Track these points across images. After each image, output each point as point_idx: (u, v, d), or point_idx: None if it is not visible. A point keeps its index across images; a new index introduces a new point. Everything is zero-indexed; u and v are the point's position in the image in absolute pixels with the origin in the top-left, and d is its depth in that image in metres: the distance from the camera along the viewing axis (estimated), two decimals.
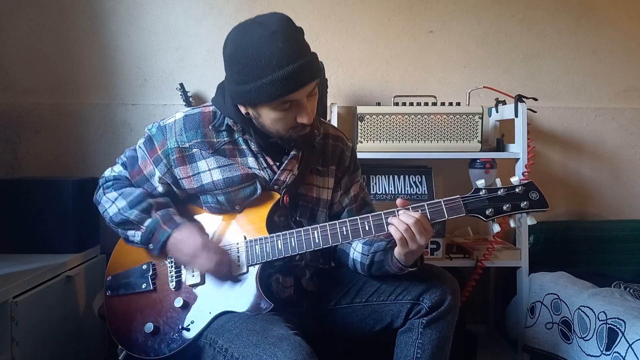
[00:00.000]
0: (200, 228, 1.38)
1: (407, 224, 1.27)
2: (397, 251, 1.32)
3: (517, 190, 1.31)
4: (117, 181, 1.46)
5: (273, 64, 1.20)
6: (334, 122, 2.15)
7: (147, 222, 1.36)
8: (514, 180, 1.32)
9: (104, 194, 1.45)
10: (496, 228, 1.34)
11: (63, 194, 1.96)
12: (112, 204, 1.42)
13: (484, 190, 1.32)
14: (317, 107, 1.38)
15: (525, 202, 1.30)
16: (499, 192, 1.31)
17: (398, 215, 1.30)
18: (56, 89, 2.36)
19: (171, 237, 1.34)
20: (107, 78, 2.37)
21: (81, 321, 1.94)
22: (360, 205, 1.55)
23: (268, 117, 1.30)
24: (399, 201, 1.33)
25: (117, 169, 1.48)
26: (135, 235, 1.38)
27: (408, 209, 1.31)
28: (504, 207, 1.31)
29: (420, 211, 1.30)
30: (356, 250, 1.47)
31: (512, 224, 1.36)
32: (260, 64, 1.21)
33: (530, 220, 1.33)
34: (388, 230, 1.32)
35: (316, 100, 1.35)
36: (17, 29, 2.33)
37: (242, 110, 1.34)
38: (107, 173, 1.49)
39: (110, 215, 1.42)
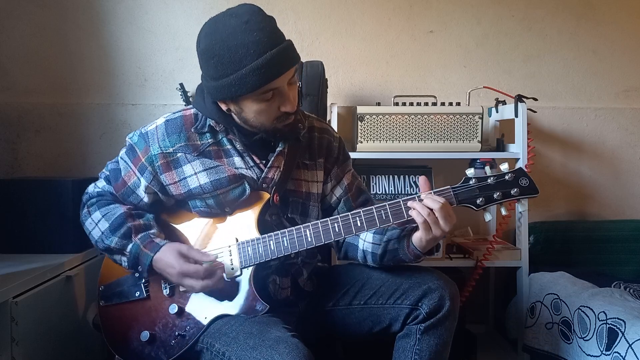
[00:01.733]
0: (180, 249, 1.33)
1: (431, 209, 1.27)
2: (419, 236, 1.31)
3: (506, 177, 1.30)
4: (101, 197, 1.44)
5: (251, 53, 1.20)
6: (334, 122, 2.15)
7: (129, 247, 1.35)
8: (504, 167, 1.31)
9: (89, 215, 1.43)
10: (487, 217, 1.34)
11: (63, 194, 1.96)
12: (95, 226, 1.40)
13: (473, 180, 1.31)
14: (299, 97, 1.37)
15: (515, 189, 1.30)
16: (489, 181, 1.30)
17: (406, 203, 1.30)
18: (56, 89, 2.36)
19: (154, 260, 1.32)
20: (107, 78, 2.37)
21: (81, 321, 1.94)
22: (355, 193, 1.53)
23: (251, 109, 1.29)
24: (421, 179, 1.32)
25: (101, 184, 1.46)
26: (122, 260, 1.37)
27: (431, 193, 1.30)
28: (495, 196, 1.30)
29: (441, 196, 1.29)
30: (366, 241, 1.45)
31: (503, 212, 1.35)
32: (238, 54, 1.20)
33: (521, 207, 1.33)
34: (379, 225, 1.31)
35: (297, 89, 1.33)
36: (17, 29, 2.33)
37: (223, 107, 1.32)
38: (91, 189, 1.47)
39: (95, 239, 1.40)
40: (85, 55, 2.36)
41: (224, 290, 1.35)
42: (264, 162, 1.40)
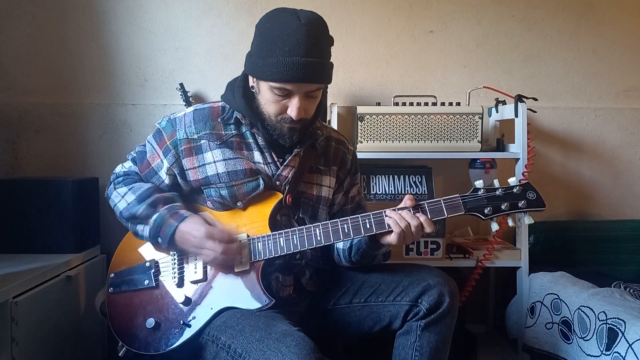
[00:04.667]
0: (205, 219, 1.39)
1: (409, 223, 1.32)
2: (388, 240, 1.35)
3: (515, 190, 1.35)
4: (127, 176, 1.50)
5: (285, 49, 1.26)
6: (334, 122, 2.16)
7: (154, 216, 1.38)
8: (512, 180, 1.36)
9: (115, 189, 1.48)
10: (495, 226, 1.38)
11: (63, 194, 1.96)
12: (121, 198, 1.45)
13: (482, 190, 1.35)
14: (321, 112, 1.44)
15: (522, 202, 1.34)
16: (497, 192, 1.35)
17: (399, 211, 1.34)
18: (56, 89, 2.36)
19: (177, 229, 1.35)
20: (107, 78, 2.37)
21: (81, 321, 1.94)
22: (354, 207, 1.58)
23: (264, 96, 1.35)
24: (408, 198, 1.35)
25: (128, 165, 1.52)
26: (144, 230, 1.41)
27: (409, 210, 1.33)
28: (502, 207, 1.34)
29: (421, 212, 1.34)
30: None
31: (510, 223, 1.40)
32: (276, 44, 1.27)
33: (527, 220, 1.36)
34: (389, 228, 1.33)
35: (315, 103, 1.38)
36: (17, 29, 2.33)
37: (251, 81, 1.38)
38: (118, 169, 1.53)
39: (120, 209, 1.45)
40: (85, 55, 2.36)
41: (232, 283, 1.37)
42: (281, 160, 1.44)
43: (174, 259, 1.44)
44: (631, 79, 2.51)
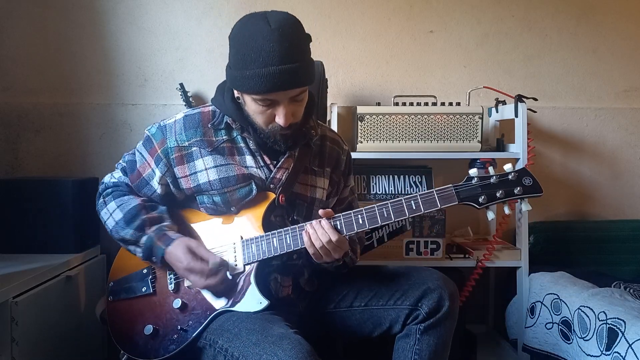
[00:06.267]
0: (190, 245, 1.36)
1: (322, 242, 1.30)
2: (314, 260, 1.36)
3: (510, 176, 1.30)
4: (117, 188, 1.47)
5: (259, 60, 1.23)
6: (334, 122, 2.15)
7: (143, 239, 1.38)
8: (507, 167, 1.31)
9: (105, 204, 1.46)
10: (490, 215, 1.33)
11: (63, 194, 1.96)
12: (109, 216, 1.43)
13: (476, 179, 1.31)
14: (312, 107, 1.41)
15: (518, 188, 1.29)
16: (492, 180, 1.30)
17: (315, 226, 1.32)
18: (56, 89, 2.36)
19: (165, 253, 1.35)
20: (107, 78, 2.37)
21: (81, 321, 1.94)
22: (344, 209, 1.55)
23: (250, 107, 1.33)
24: (321, 212, 1.33)
25: (117, 175, 1.49)
26: (137, 251, 1.40)
27: (330, 221, 1.32)
28: (497, 194, 1.29)
29: (335, 225, 1.32)
30: None
31: (506, 211, 1.36)
32: (250, 56, 1.24)
33: (525, 206, 1.32)
34: (380, 223, 1.32)
35: (302, 106, 1.36)
36: (17, 29, 2.33)
37: (236, 93, 1.37)
38: (107, 179, 1.50)
39: (110, 228, 1.44)
40: (85, 55, 2.36)
41: (227, 286, 1.37)
42: (274, 162, 1.42)
43: None
44: (631, 79, 2.51)
